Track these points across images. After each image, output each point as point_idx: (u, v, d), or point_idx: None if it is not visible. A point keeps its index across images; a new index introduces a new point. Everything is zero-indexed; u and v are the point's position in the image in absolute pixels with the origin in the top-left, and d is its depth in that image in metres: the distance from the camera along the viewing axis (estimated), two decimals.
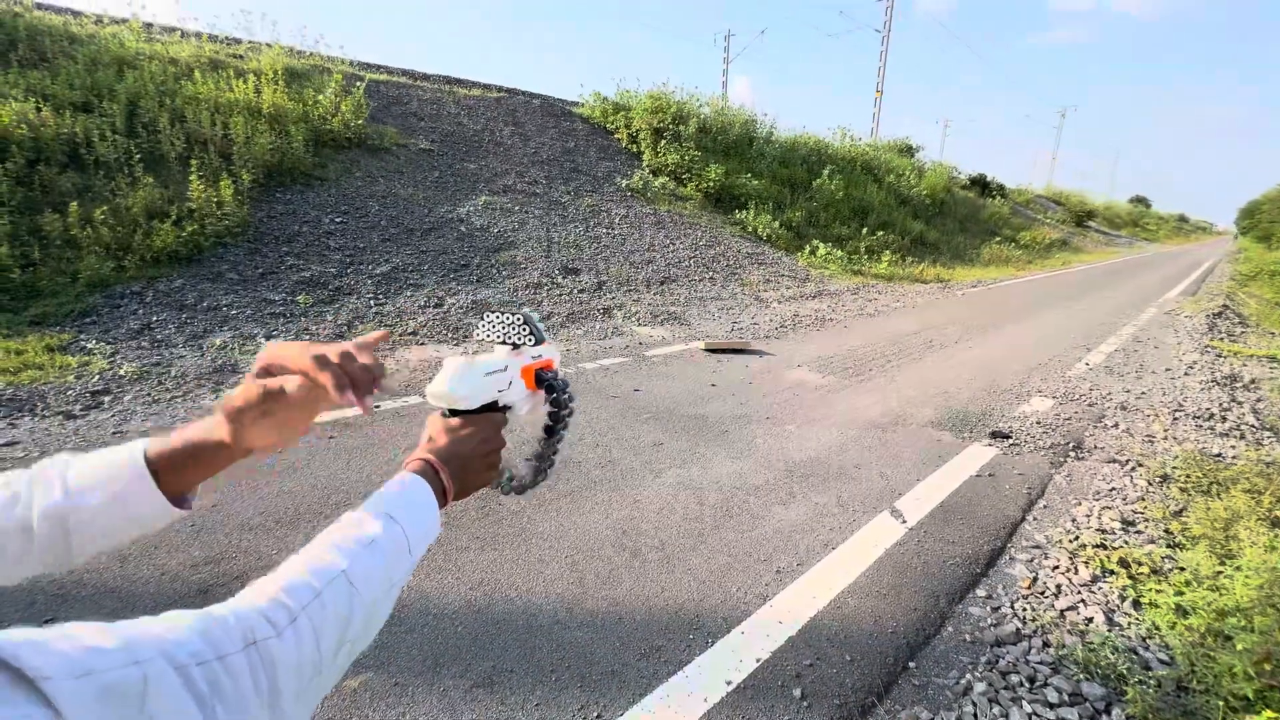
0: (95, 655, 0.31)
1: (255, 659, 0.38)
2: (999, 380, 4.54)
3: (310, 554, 0.47)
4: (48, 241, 4.40)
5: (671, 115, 11.50)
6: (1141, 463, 3.07)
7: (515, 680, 1.56)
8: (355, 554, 0.47)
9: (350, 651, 0.46)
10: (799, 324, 6.24)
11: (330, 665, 0.43)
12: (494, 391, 0.65)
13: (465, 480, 0.61)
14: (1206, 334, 6.68)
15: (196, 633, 0.37)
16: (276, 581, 0.44)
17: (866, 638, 1.79)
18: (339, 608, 0.44)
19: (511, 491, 0.73)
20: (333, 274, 5.31)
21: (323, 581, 0.44)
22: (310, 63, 8.53)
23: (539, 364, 0.71)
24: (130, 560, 1.93)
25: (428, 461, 0.59)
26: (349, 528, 0.50)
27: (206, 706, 0.34)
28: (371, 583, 0.47)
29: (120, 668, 0.32)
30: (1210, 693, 1.55)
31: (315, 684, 0.42)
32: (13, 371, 3.31)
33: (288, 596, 0.42)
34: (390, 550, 0.50)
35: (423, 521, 0.55)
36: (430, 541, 0.56)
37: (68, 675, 0.29)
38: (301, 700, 0.41)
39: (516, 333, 0.69)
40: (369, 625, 0.47)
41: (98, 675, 0.30)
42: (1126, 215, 43.87)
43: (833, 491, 2.65)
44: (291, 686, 0.40)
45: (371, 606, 0.47)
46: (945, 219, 16.61)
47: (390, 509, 0.53)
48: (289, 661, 0.40)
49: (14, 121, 4.83)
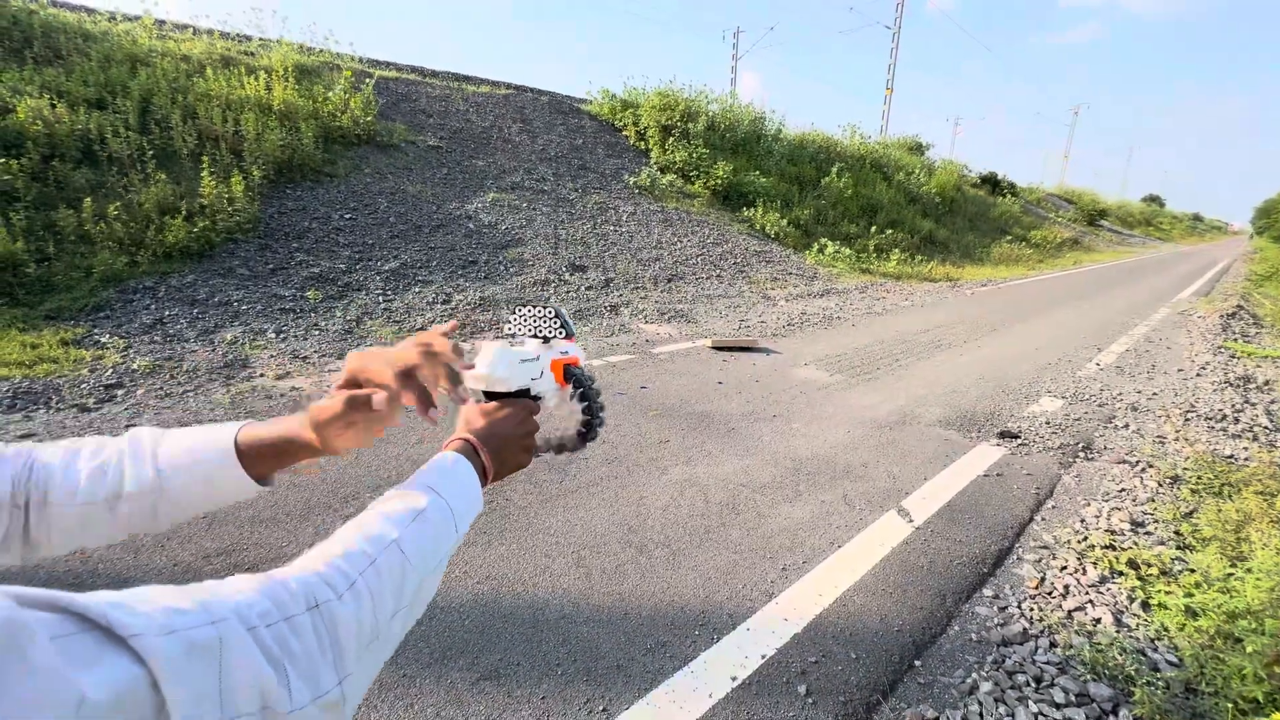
0: (176, 615, 0.33)
1: (319, 621, 0.40)
2: (1008, 380, 4.51)
3: (363, 524, 0.49)
4: (62, 237, 4.45)
5: (680, 113, 11.48)
6: (1152, 464, 3.04)
7: (521, 673, 1.57)
8: (405, 525, 0.49)
9: (405, 620, 0.47)
10: (806, 322, 6.22)
11: (386, 630, 0.45)
12: (528, 379, 0.67)
13: (503, 460, 0.63)
14: (1220, 334, 6.60)
15: (264, 595, 0.39)
16: (334, 548, 0.45)
17: (872, 636, 1.79)
18: (393, 575, 0.46)
19: (560, 450, 0.75)
20: (342, 270, 5.35)
21: (377, 549, 0.46)
22: (320, 59, 8.57)
23: (567, 360, 0.73)
24: (143, 551, 1.95)
25: (468, 441, 0.61)
26: (398, 500, 0.52)
27: (278, 665, 0.36)
28: (422, 553, 0.49)
29: (199, 626, 0.33)
30: (1219, 695, 1.54)
31: (374, 648, 0.44)
32: (28, 365, 3.36)
33: (346, 563, 0.44)
34: (438, 522, 0.52)
35: (466, 497, 0.56)
36: (474, 517, 0.58)
37: (155, 633, 0.31)
38: (362, 662, 0.42)
39: (547, 326, 0.71)
40: (420, 594, 0.49)
41: (181, 633, 0.32)
42: (1140, 214, 43.38)
43: (839, 490, 2.65)
44: (352, 647, 0.41)
45: (422, 576, 0.49)
46: (955, 217, 16.48)
47: (435, 484, 0.54)
48: (349, 623, 0.41)
49: (29, 118, 4.88)
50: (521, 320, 0.72)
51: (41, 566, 1.84)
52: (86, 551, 1.93)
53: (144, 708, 0.29)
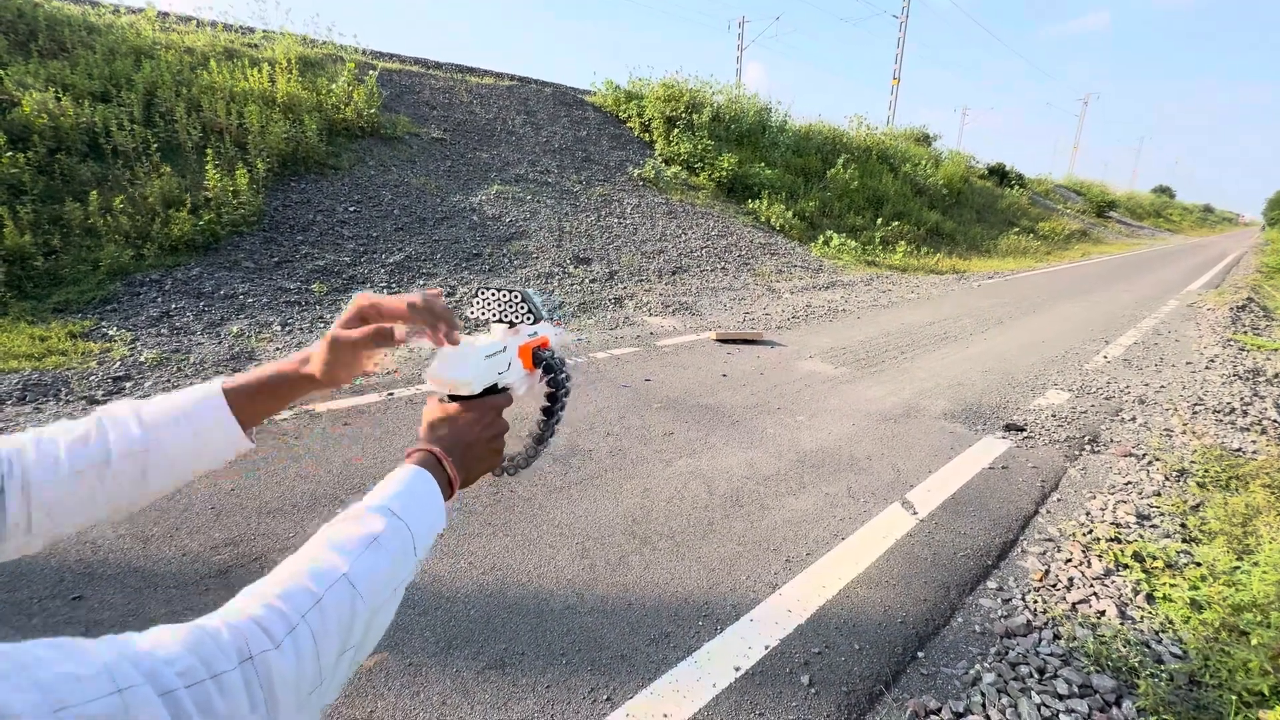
0: (71, 686, 0.29)
1: (251, 674, 0.36)
2: (1014, 373, 4.49)
3: (308, 556, 0.44)
4: (69, 230, 4.48)
5: (685, 104, 11.40)
6: (1159, 457, 3.03)
7: (526, 663, 1.59)
8: (357, 554, 0.45)
9: (354, 659, 0.44)
10: (811, 315, 6.20)
11: (332, 675, 0.41)
12: (494, 374, 0.62)
13: (470, 468, 0.59)
14: (1229, 327, 6.54)
15: (187, 649, 0.34)
16: (272, 587, 0.41)
17: (875, 627, 1.79)
18: (340, 613, 0.42)
19: (505, 474, 0.70)
20: (347, 263, 5.36)
21: (323, 586, 0.42)
22: (323, 51, 8.55)
23: (535, 342, 0.69)
24: (153, 541, 1.98)
25: (430, 452, 0.56)
26: (349, 526, 0.47)
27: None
28: (375, 584, 0.45)
29: (98, 699, 0.29)
30: (1224, 687, 1.54)
31: (316, 695, 0.40)
32: (37, 357, 3.39)
33: (285, 604, 0.40)
34: (394, 549, 0.47)
35: (427, 516, 0.52)
36: (436, 536, 0.53)
37: (41, 713, 0.27)
38: (303, 713, 0.39)
39: (514, 310, 0.66)
40: (372, 630, 0.45)
41: (74, 709, 0.28)
42: (1149, 205, 42.91)
43: (843, 482, 2.65)
44: (291, 701, 0.37)
45: (375, 610, 0.45)
46: (962, 209, 16.35)
47: (392, 505, 0.50)
48: (288, 675, 0.37)
49: (35, 111, 4.90)
50: (485, 304, 0.67)
51: (53, 556, 1.87)
52: (90, 536, 1.95)
53: None
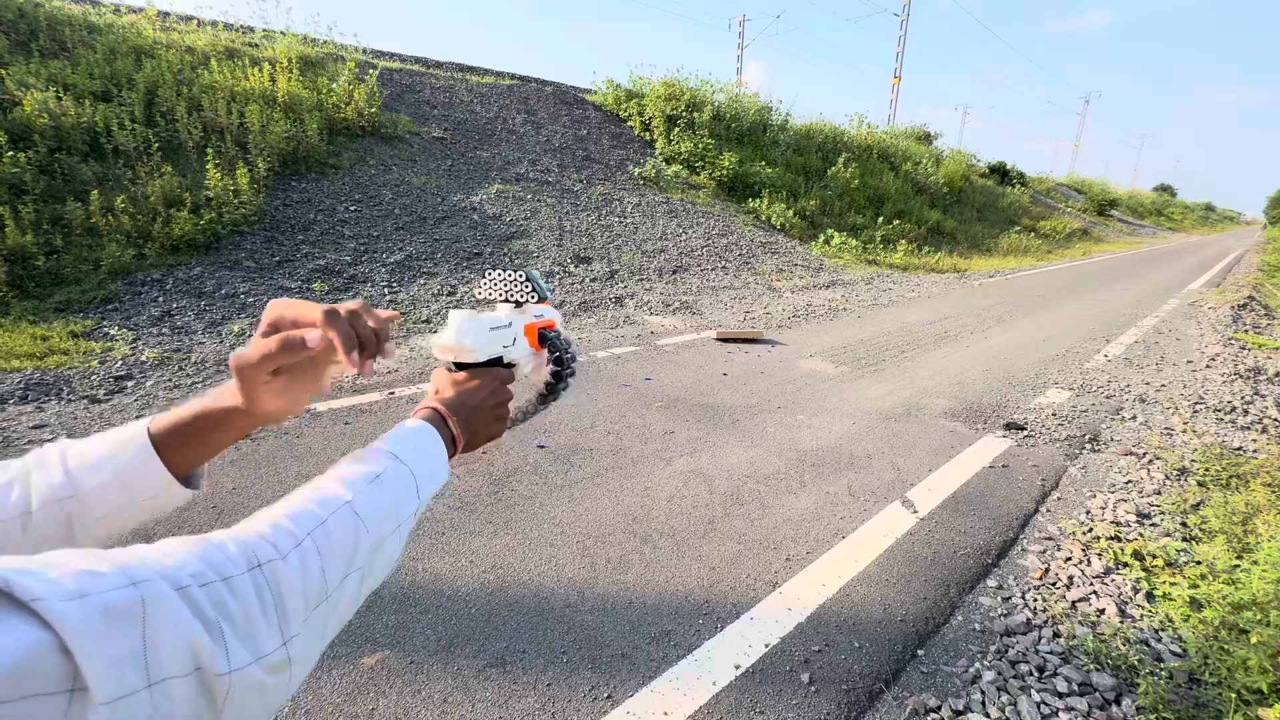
0: (89, 578, 0.30)
1: (260, 580, 0.37)
2: (1014, 372, 4.49)
3: (315, 486, 0.47)
4: (70, 229, 4.49)
5: (685, 103, 11.40)
6: (1159, 455, 3.03)
7: (527, 661, 1.59)
8: (360, 488, 0.47)
9: (360, 582, 0.45)
10: (812, 314, 6.20)
11: (338, 593, 0.42)
12: (499, 347, 0.65)
13: (475, 430, 0.61)
14: (1230, 326, 6.53)
15: (196, 556, 0.36)
16: (279, 509, 0.43)
17: (875, 625, 1.79)
18: (345, 536, 0.44)
19: (513, 424, 0.73)
20: (347, 262, 5.36)
21: (327, 510, 0.44)
22: (324, 50, 8.55)
23: (541, 323, 0.71)
24: (155, 539, 1.98)
25: (435, 409, 0.59)
26: (354, 463, 0.50)
27: (211, 626, 0.33)
28: (377, 516, 0.47)
29: (116, 589, 0.31)
30: (1223, 685, 1.54)
31: (323, 611, 0.41)
32: (39, 357, 3.40)
33: (291, 523, 0.42)
34: (396, 488, 0.49)
35: (430, 465, 0.54)
36: (440, 485, 0.55)
37: (62, 597, 0.28)
38: (309, 623, 0.40)
39: (519, 290, 0.69)
40: (377, 557, 0.46)
41: (94, 597, 0.30)
42: (1150, 204, 42.83)
43: (843, 481, 2.65)
44: (299, 607, 0.39)
45: (378, 540, 0.46)
46: (963, 208, 16.34)
47: (396, 449, 0.52)
48: (294, 584, 0.39)
49: (36, 110, 4.90)
50: (492, 284, 0.69)
51: None
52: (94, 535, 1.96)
53: (52, 675, 0.27)
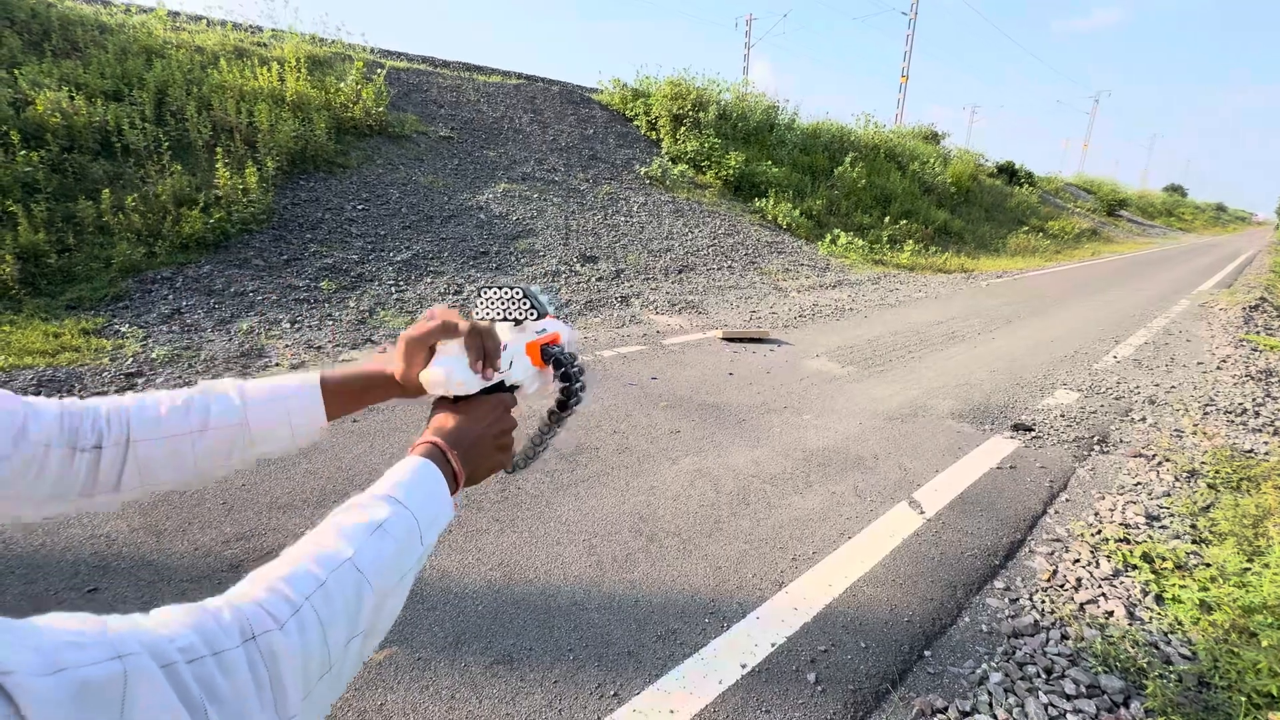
0: (70, 650, 0.28)
1: (255, 653, 0.35)
2: (1022, 372, 4.46)
3: (313, 542, 0.44)
4: (82, 228, 4.53)
5: (691, 102, 11.38)
6: (1169, 457, 3.01)
7: (534, 658, 1.60)
8: (362, 540, 0.44)
9: (363, 646, 0.43)
10: (818, 314, 6.19)
11: (341, 660, 0.40)
12: (494, 373, 0.61)
13: (476, 464, 0.59)
14: (1242, 327, 6.48)
15: (188, 627, 0.34)
16: (277, 571, 0.41)
17: (882, 626, 1.79)
18: (346, 597, 0.41)
19: (515, 470, 0.70)
20: (355, 261, 5.39)
21: (327, 570, 0.41)
22: (332, 50, 8.59)
23: (544, 339, 0.67)
24: (165, 535, 2.00)
25: (435, 444, 0.56)
26: (354, 513, 0.47)
27: (196, 708, 0.31)
28: (381, 570, 0.44)
29: (98, 663, 0.28)
30: (1233, 689, 1.53)
31: (326, 681, 0.39)
32: (51, 354, 3.43)
33: (289, 587, 0.39)
34: (400, 535, 0.47)
35: (433, 506, 0.52)
36: (442, 528, 0.53)
37: (36, 671, 0.26)
38: (311, 700, 0.38)
39: (517, 308, 0.65)
40: (380, 616, 0.44)
41: (71, 672, 0.27)
42: (1161, 204, 42.47)
43: (850, 481, 2.65)
44: (297, 683, 0.36)
45: (382, 596, 0.44)
46: (970, 208, 16.25)
47: (397, 494, 0.50)
48: (293, 656, 0.37)
49: (49, 110, 4.95)
50: (488, 304, 0.66)
51: (69, 549, 1.89)
52: (104, 530, 1.98)
53: None
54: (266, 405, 0.59)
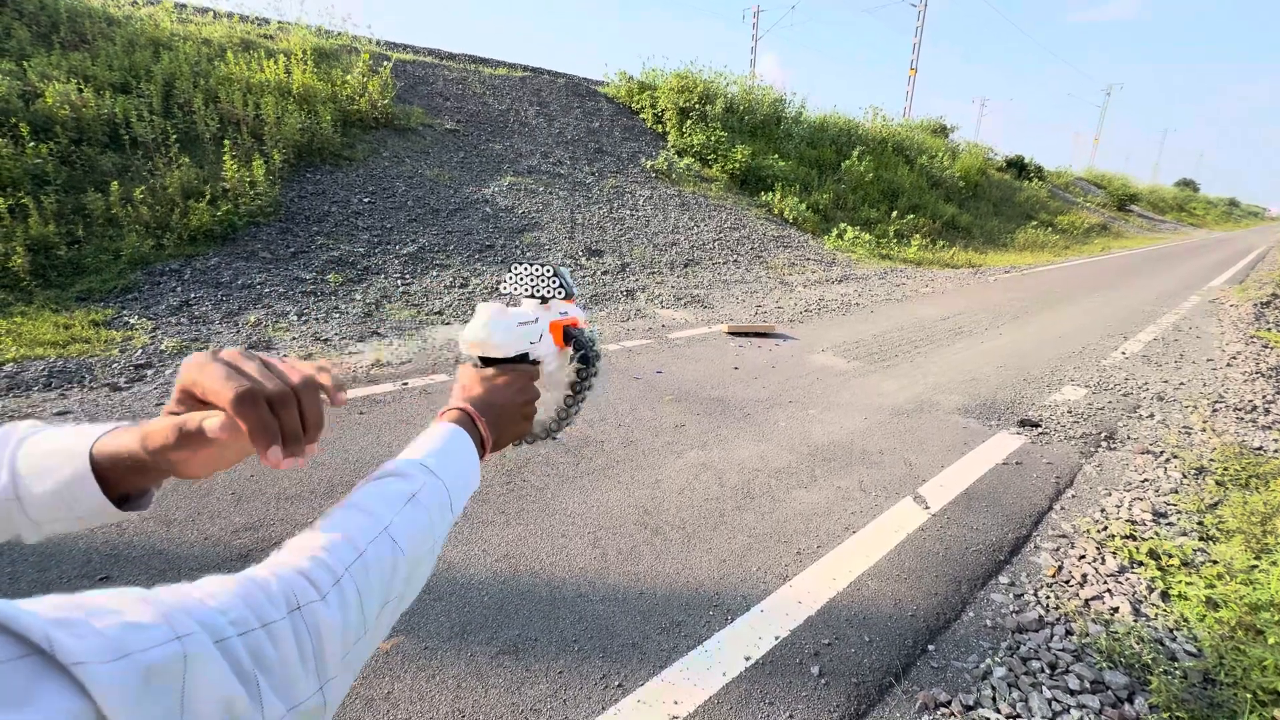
0: (132, 632, 0.29)
1: (300, 624, 0.36)
2: (1030, 368, 4.44)
3: (350, 510, 0.45)
4: (91, 220, 4.56)
5: (698, 95, 11.32)
6: (1177, 454, 2.99)
7: (539, 649, 1.61)
8: (396, 509, 0.46)
9: (394, 610, 0.44)
10: (824, 308, 6.17)
11: (375, 626, 0.42)
12: (525, 343, 0.64)
13: (503, 429, 0.60)
14: (1253, 323, 6.41)
15: (239, 599, 0.35)
16: (316, 540, 0.42)
17: (886, 620, 1.80)
18: (382, 566, 0.43)
19: (531, 441, 0.71)
20: (361, 254, 5.40)
21: (365, 539, 0.43)
22: (338, 42, 8.58)
23: (566, 321, 0.70)
24: (176, 525, 2.02)
25: (465, 411, 0.58)
26: (389, 481, 0.48)
27: (248, 679, 0.32)
28: (414, 539, 0.46)
29: (160, 645, 0.29)
30: (1239, 685, 1.53)
31: (360, 646, 0.41)
32: (61, 345, 3.46)
33: (329, 556, 0.40)
34: (432, 506, 0.48)
35: (463, 474, 0.53)
36: (471, 493, 0.54)
37: (104, 658, 0.26)
38: (346, 663, 0.39)
39: (546, 286, 0.68)
40: (412, 583, 0.46)
41: (136, 656, 0.28)
42: (1172, 199, 41.95)
43: (855, 476, 2.65)
44: (337, 650, 0.38)
45: (414, 563, 0.46)
46: (979, 202, 16.12)
47: (430, 462, 0.51)
48: (334, 625, 0.38)
49: (57, 102, 4.97)
50: (518, 280, 0.68)
51: (81, 538, 1.92)
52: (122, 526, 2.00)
53: None
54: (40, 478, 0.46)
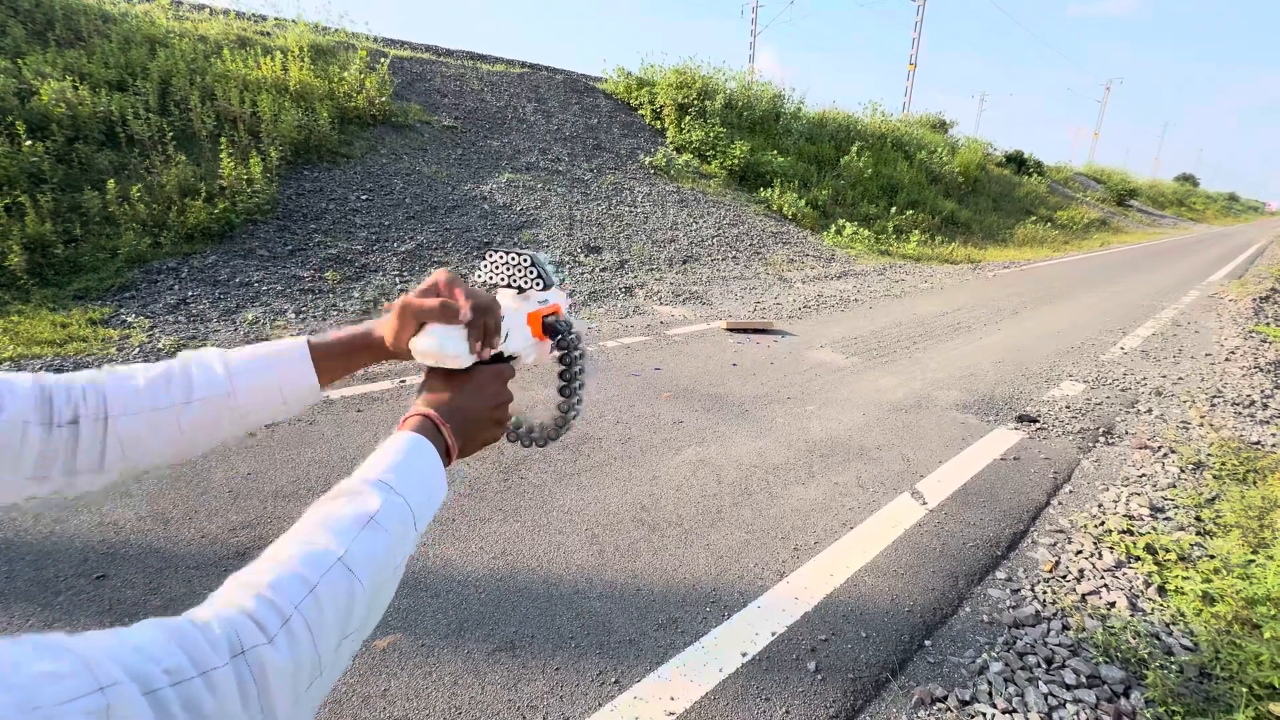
0: (48, 684, 0.26)
1: (244, 670, 0.33)
2: (1028, 364, 4.44)
3: (300, 538, 0.41)
4: (88, 218, 4.54)
5: (697, 91, 11.28)
6: (1175, 449, 2.99)
7: (536, 645, 1.61)
8: (352, 535, 0.42)
9: (354, 643, 0.41)
10: (823, 304, 6.16)
11: (332, 663, 0.39)
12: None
13: (470, 436, 0.56)
14: (1252, 318, 6.41)
15: (175, 644, 0.32)
16: (264, 575, 0.38)
17: (882, 615, 1.80)
18: (337, 600, 0.39)
19: (533, 444, 0.67)
20: (359, 251, 5.39)
21: (317, 572, 0.39)
22: (335, 39, 8.55)
23: (546, 310, 0.64)
24: (173, 523, 2.02)
25: (427, 417, 0.53)
26: (343, 503, 0.44)
27: None
28: (373, 566, 0.42)
29: (79, 697, 0.26)
30: (1234, 679, 1.53)
31: (316, 686, 0.38)
32: (59, 344, 3.46)
33: (276, 594, 0.37)
34: (393, 527, 0.44)
35: (427, 489, 0.49)
36: (437, 508, 0.50)
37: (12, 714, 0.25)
38: (300, 705, 0.37)
39: (523, 275, 0.62)
40: (371, 613, 0.43)
41: (45, 710, 0.25)
42: (1172, 194, 41.90)
43: (853, 472, 2.65)
44: (287, 695, 0.35)
45: (374, 591, 0.42)
46: (978, 197, 16.10)
47: (390, 478, 0.46)
48: (283, 669, 0.35)
49: (53, 100, 4.95)
50: (492, 268, 0.62)
51: (77, 536, 1.92)
52: (112, 517, 2.00)
53: None
54: (255, 374, 0.56)
